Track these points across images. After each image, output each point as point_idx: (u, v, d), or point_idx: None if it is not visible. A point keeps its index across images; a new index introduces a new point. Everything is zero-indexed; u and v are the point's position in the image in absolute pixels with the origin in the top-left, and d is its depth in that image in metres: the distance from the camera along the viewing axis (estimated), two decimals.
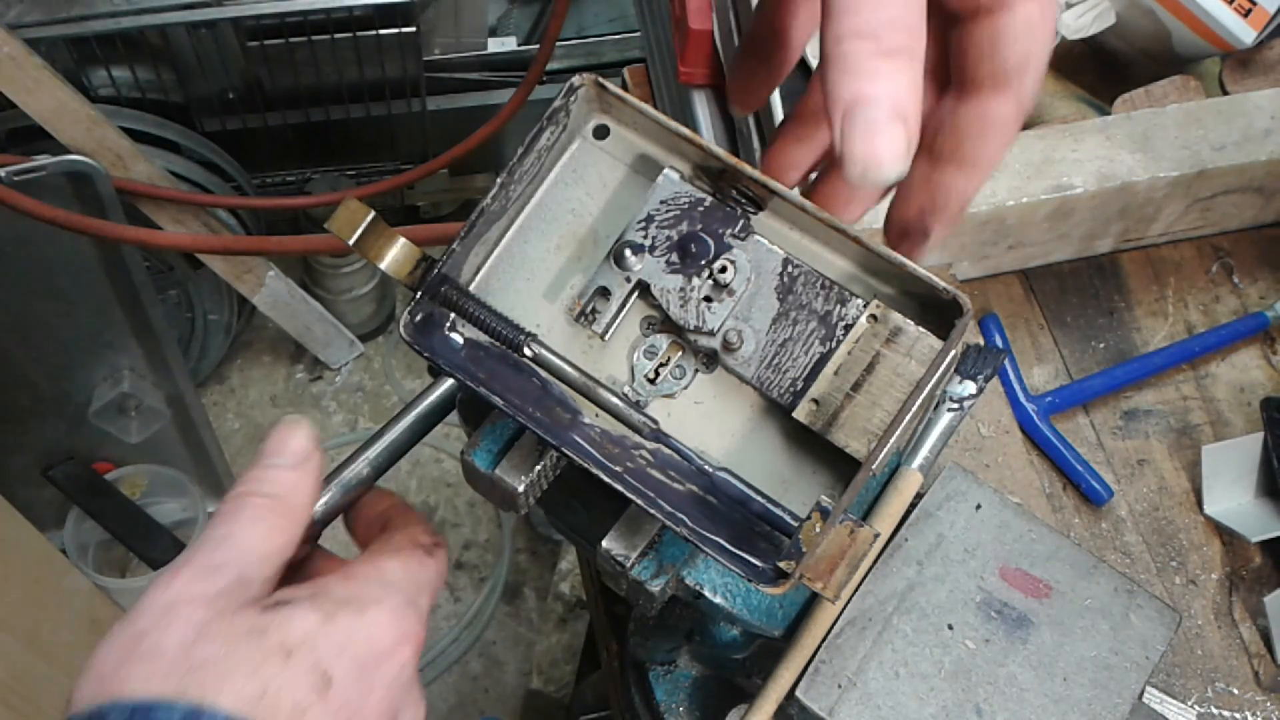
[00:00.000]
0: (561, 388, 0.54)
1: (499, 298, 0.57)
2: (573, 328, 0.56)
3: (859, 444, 0.52)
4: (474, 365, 0.54)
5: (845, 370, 0.53)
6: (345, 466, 0.59)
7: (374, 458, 0.59)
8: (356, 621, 0.49)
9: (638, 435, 0.54)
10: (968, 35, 0.51)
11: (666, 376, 0.56)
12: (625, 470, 0.53)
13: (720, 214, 0.54)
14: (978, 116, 0.52)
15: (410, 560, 0.54)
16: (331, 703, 0.47)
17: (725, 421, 0.55)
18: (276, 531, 0.52)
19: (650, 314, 0.56)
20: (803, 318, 0.54)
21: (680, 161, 0.56)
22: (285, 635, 0.47)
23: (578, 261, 0.57)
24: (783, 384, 0.54)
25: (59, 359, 1.90)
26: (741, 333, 0.54)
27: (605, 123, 0.58)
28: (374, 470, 0.59)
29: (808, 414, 0.53)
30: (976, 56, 0.51)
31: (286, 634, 0.47)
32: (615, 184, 0.57)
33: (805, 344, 0.54)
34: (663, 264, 0.54)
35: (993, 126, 0.52)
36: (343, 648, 0.48)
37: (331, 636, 0.48)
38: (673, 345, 0.56)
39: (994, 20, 0.50)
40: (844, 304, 0.53)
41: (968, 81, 0.52)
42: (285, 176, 2.25)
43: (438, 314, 0.55)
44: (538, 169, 0.57)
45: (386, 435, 0.60)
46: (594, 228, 0.57)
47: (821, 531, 0.49)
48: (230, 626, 0.47)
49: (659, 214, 0.54)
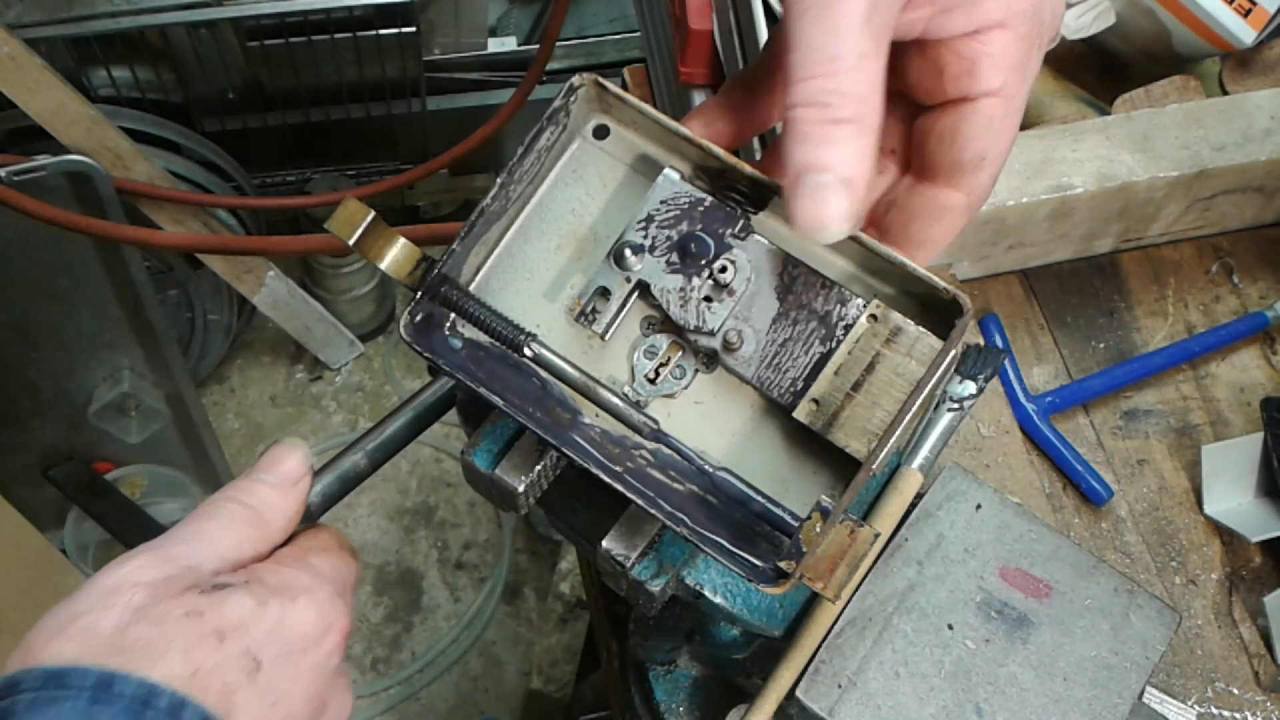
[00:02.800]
0: (561, 388, 0.54)
1: (499, 298, 0.57)
2: (573, 328, 0.56)
3: (859, 444, 0.52)
4: (474, 365, 0.54)
5: (845, 370, 0.53)
6: (343, 457, 0.59)
7: (371, 450, 0.60)
8: (288, 609, 0.51)
9: (638, 435, 0.54)
10: (930, 124, 0.53)
11: (666, 376, 0.56)
12: (625, 470, 0.53)
13: (720, 214, 0.54)
14: (929, 202, 0.54)
15: (337, 558, 0.56)
16: (259, 685, 0.49)
17: (725, 421, 0.55)
18: (245, 541, 0.54)
19: (650, 314, 0.56)
20: (803, 318, 0.54)
21: (680, 161, 0.56)
22: (220, 619, 0.49)
23: (578, 261, 0.57)
24: (783, 384, 0.54)
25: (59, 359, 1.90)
26: (741, 333, 0.54)
27: (605, 123, 0.58)
28: (371, 463, 0.60)
29: (808, 414, 0.53)
30: (935, 145, 0.53)
31: (221, 618, 0.49)
32: (615, 184, 0.57)
33: (805, 344, 0.53)
34: (663, 264, 0.54)
35: (941, 214, 0.54)
36: (273, 634, 0.50)
37: (263, 623, 0.50)
38: (673, 345, 0.56)
39: (956, 113, 0.52)
40: (844, 304, 0.53)
41: (924, 167, 0.54)
42: (285, 176, 2.25)
43: (438, 314, 0.55)
44: (538, 169, 0.57)
45: (385, 428, 0.60)
46: (594, 228, 0.57)
47: (822, 531, 0.49)
48: (166, 609, 0.48)
49: (659, 214, 0.54)
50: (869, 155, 0.47)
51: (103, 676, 0.45)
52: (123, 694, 0.45)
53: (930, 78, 0.52)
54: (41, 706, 0.45)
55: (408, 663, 2.14)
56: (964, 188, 0.54)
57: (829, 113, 0.46)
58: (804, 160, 0.47)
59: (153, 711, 0.45)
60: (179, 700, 0.45)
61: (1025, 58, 0.51)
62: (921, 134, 0.54)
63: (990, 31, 0.50)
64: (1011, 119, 0.52)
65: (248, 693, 0.48)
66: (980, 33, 0.50)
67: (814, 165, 0.47)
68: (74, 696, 0.45)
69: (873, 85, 0.47)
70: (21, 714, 0.44)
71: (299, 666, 0.51)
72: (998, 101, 0.51)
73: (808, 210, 0.47)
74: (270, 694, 0.49)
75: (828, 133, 0.46)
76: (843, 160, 0.47)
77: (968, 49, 0.50)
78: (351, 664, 2.13)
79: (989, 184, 0.54)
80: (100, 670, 0.45)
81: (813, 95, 0.46)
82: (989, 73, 0.51)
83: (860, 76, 0.46)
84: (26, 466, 2.01)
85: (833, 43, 0.46)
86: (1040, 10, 0.51)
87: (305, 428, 2.36)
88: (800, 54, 0.47)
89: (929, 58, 0.52)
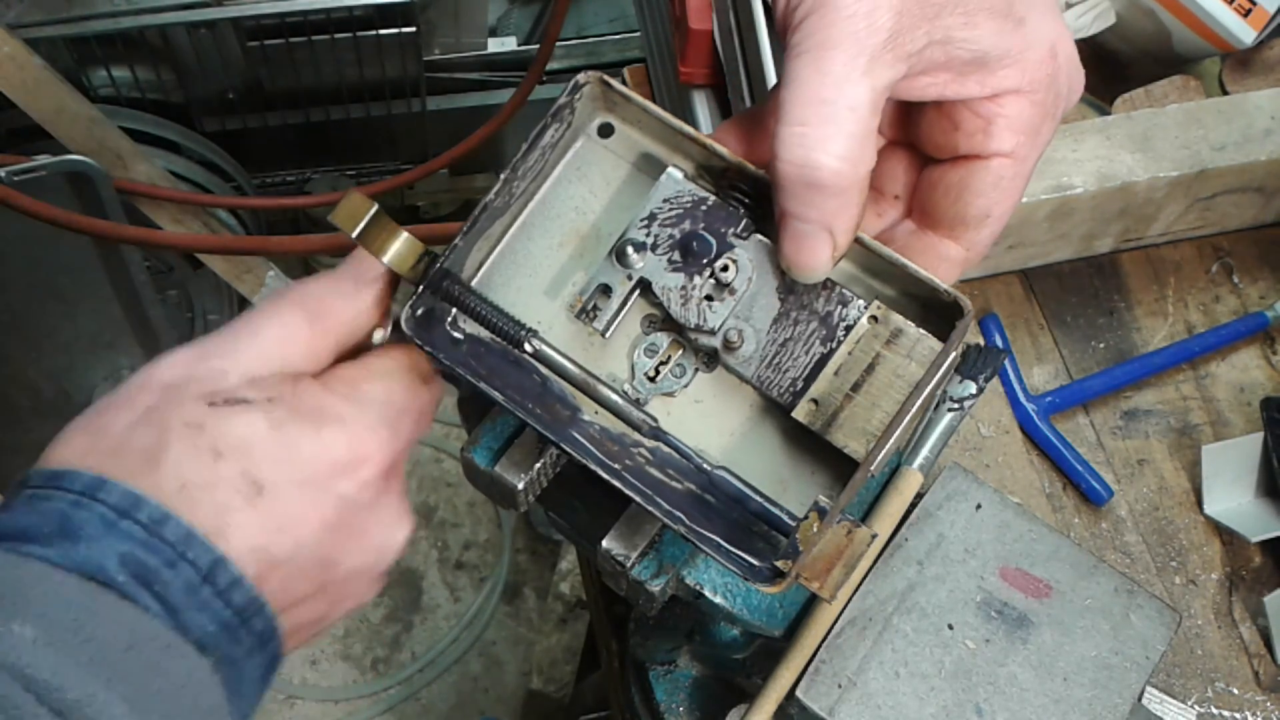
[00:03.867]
0: (561, 385, 0.54)
1: (501, 294, 0.57)
2: (574, 325, 0.56)
3: (858, 445, 0.52)
4: (475, 361, 0.54)
5: (845, 371, 0.53)
6: None
7: None
8: (308, 435, 0.48)
9: (637, 433, 0.54)
10: (938, 176, 0.54)
11: (666, 375, 0.56)
12: (624, 468, 0.53)
13: (723, 213, 0.54)
14: (927, 248, 0.55)
15: (396, 384, 0.52)
16: (260, 509, 0.46)
17: (724, 420, 0.55)
18: (293, 336, 0.50)
19: (651, 312, 0.56)
20: (804, 318, 0.54)
21: (683, 160, 0.56)
22: (219, 437, 0.46)
23: (580, 259, 0.57)
24: (783, 384, 0.54)
25: (59, 359, 1.90)
26: (742, 332, 0.54)
27: (610, 121, 0.58)
28: None
29: (807, 414, 0.53)
30: (942, 198, 0.54)
31: (221, 436, 0.46)
32: (619, 182, 0.57)
33: (806, 344, 0.54)
34: (664, 262, 0.54)
35: (938, 262, 0.55)
36: (283, 459, 0.47)
37: (272, 446, 0.47)
38: (673, 344, 0.56)
39: (967, 169, 0.53)
40: (845, 305, 0.53)
41: (927, 216, 0.55)
42: (285, 176, 2.25)
43: (439, 309, 0.55)
44: (541, 166, 0.57)
45: None
46: (596, 225, 0.57)
47: (819, 531, 0.49)
48: (169, 416, 0.46)
49: (662, 212, 0.54)
50: (851, 212, 0.49)
51: (92, 482, 0.44)
52: (105, 500, 0.44)
53: (943, 133, 0.53)
54: (35, 503, 0.44)
55: (408, 663, 2.14)
56: (964, 241, 0.55)
57: (811, 174, 0.48)
58: (786, 209, 0.50)
59: (129, 522, 0.43)
60: (162, 513, 0.44)
61: (1040, 124, 0.52)
62: (929, 185, 0.55)
63: (1007, 96, 0.51)
64: (1019, 181, 0.53)
65: (245, 515, 0.46)
66: (998, 97, 0.51)
67: (797, 216, 0.49)
68: (59, 499, 0.44)
69: (861, 140, 0.48)
70: (16, 510, 0.44)
71: (317, 495, 0.48)
72: (1009, 162, 0.52)
73: (792, 253, 0.51)
74: (274, 519, 0.47)
75: (809, 193, 0.48)
76: (822, 216, 0.49)
77: (984, 109, 0.51)
78: (351, 663, 2.13)
79: (989, 241, 0.55)
80: (92, 476, 0.44)
81: (796, 153, 0.48)
82: (1003, 133, 0.52)
83: (850, 129, 0.47)
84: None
85: (826, 88, 0.47)
86: (1057, 81, 0.52)
87: None
88: (791, 93, 0.48)
89: (944, 114, 0.53)
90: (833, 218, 0.49)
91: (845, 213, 0.49)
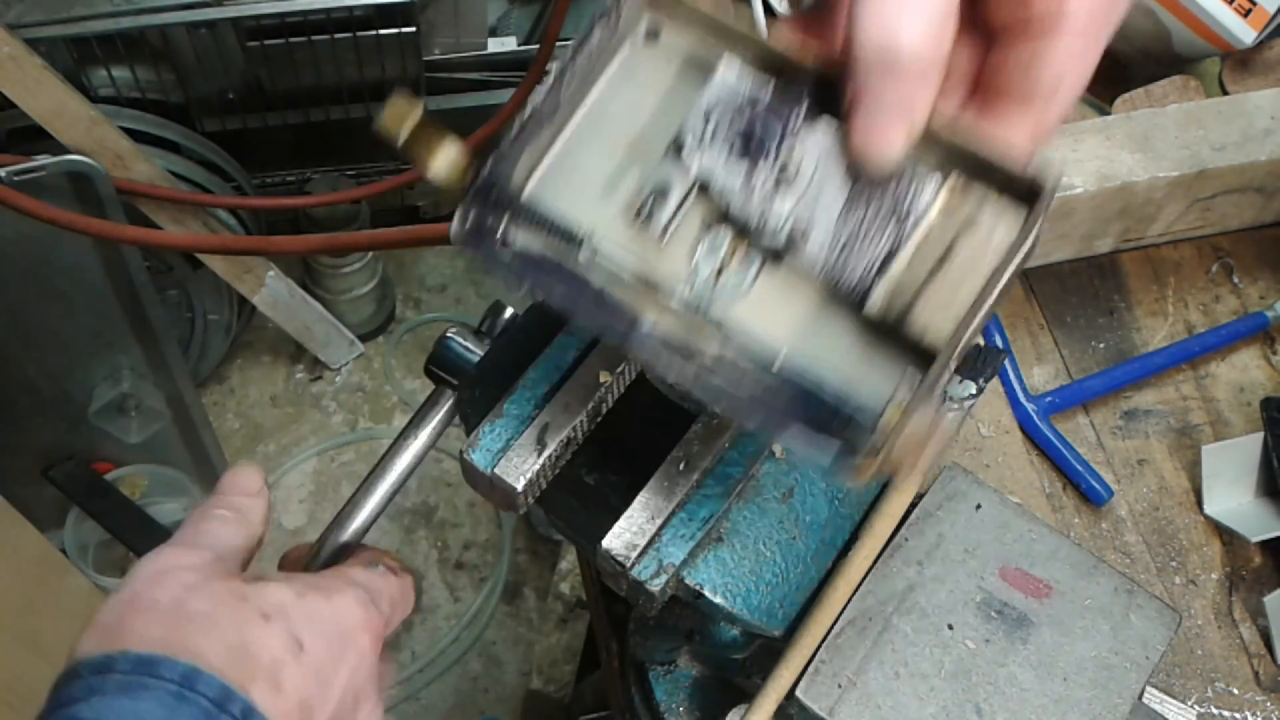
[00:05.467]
0: (617, 296, 0.52)
1: (552, 204, 0.53)
2: (630, 230, 0.53)
3: (937, 332, 0.49)
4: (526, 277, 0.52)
5: (919, 259, 0.50)
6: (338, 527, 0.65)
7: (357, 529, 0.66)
8: (324, 602, 0.56)
9: (699, 338, 0.51)
10: (1006, 53, 0.52)
11: (729, 276, 0.52)
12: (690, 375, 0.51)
13: (781, 105, 0.51)
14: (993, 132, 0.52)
15: (373, 572, 0.61)
16: (305, 664, 0.53)
17: (790, 320, 0.52)
18: (239, 533, 0.60)
19: (711, 211, 0.52)
20: (872, 208, 0.50)
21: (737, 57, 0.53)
22: (263, 602, 0.54)
23: (632, 164, 0.54)
24: (852, 278, 0.50)
25: (59, 359, 1.89)
26: (808, 225, 0.50)
27: (657, 23, 0.54)
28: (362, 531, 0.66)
29: (880, 307, 0.50)
30: (1009, 75, 0.52)
31: (264, 601, 0.54)
32: (668, 85, 0.54)
33: (876, 235, 0.50)
34: (723, 158, 0.51)
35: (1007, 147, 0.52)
36: (313, 620, 0.55)
37: (302, 610, 0.54)
38: (734, 242, 0.52)
39: (1034, 44, 0.51)
40: (916, 192, 0.50)
41: (993, 95, 0.53)
42: (285, 176, 2.24)
43: (488, 223, 0.52)
44: (589, 70, 0.53)
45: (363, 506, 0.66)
46: (648, 130, 0.54)
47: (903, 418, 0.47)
48: (215, 590, 0.54)
49: (717, 107, 0.51)
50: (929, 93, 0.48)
51: (188, 671, 0.49)
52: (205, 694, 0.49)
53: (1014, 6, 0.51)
54: (133, 690, 0.48)
55: (408, 663, 2.14)
56: (1032, 118, 0.52)
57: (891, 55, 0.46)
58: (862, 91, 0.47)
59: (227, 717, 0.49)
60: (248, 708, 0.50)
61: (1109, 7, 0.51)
62: (997, 61, 0.52)
63: None
64: (1088, 61, 0.51)
65: (294, 669, 0.52)
66: None
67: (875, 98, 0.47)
68: (160, 688, 0.49)
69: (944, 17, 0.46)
70: (111, 694, 0.48)
71: (339, 655, 0.55)
72: (1078, 39, 0.50)
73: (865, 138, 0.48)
74: (315, 673, 0.53)
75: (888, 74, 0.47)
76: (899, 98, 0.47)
77: None
78: None
79: (1057, 120, 0.52)
80: (186, 665, 0.49)
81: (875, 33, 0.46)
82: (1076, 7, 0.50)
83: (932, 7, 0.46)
84: (26, 466, 2.01)
85: None
86: None
87: (305, 428, 2.36)
88: None
89: None
90: (910, 99, 0.47)
91: (923, 94, 0.47)
